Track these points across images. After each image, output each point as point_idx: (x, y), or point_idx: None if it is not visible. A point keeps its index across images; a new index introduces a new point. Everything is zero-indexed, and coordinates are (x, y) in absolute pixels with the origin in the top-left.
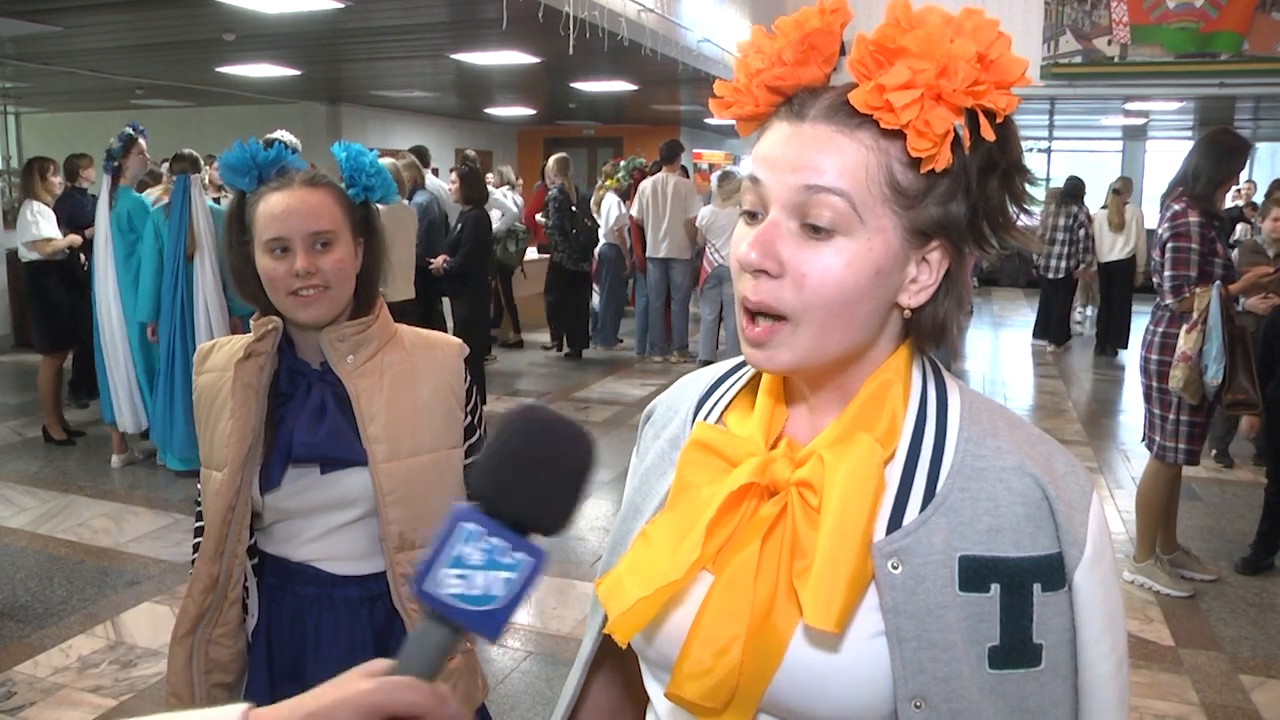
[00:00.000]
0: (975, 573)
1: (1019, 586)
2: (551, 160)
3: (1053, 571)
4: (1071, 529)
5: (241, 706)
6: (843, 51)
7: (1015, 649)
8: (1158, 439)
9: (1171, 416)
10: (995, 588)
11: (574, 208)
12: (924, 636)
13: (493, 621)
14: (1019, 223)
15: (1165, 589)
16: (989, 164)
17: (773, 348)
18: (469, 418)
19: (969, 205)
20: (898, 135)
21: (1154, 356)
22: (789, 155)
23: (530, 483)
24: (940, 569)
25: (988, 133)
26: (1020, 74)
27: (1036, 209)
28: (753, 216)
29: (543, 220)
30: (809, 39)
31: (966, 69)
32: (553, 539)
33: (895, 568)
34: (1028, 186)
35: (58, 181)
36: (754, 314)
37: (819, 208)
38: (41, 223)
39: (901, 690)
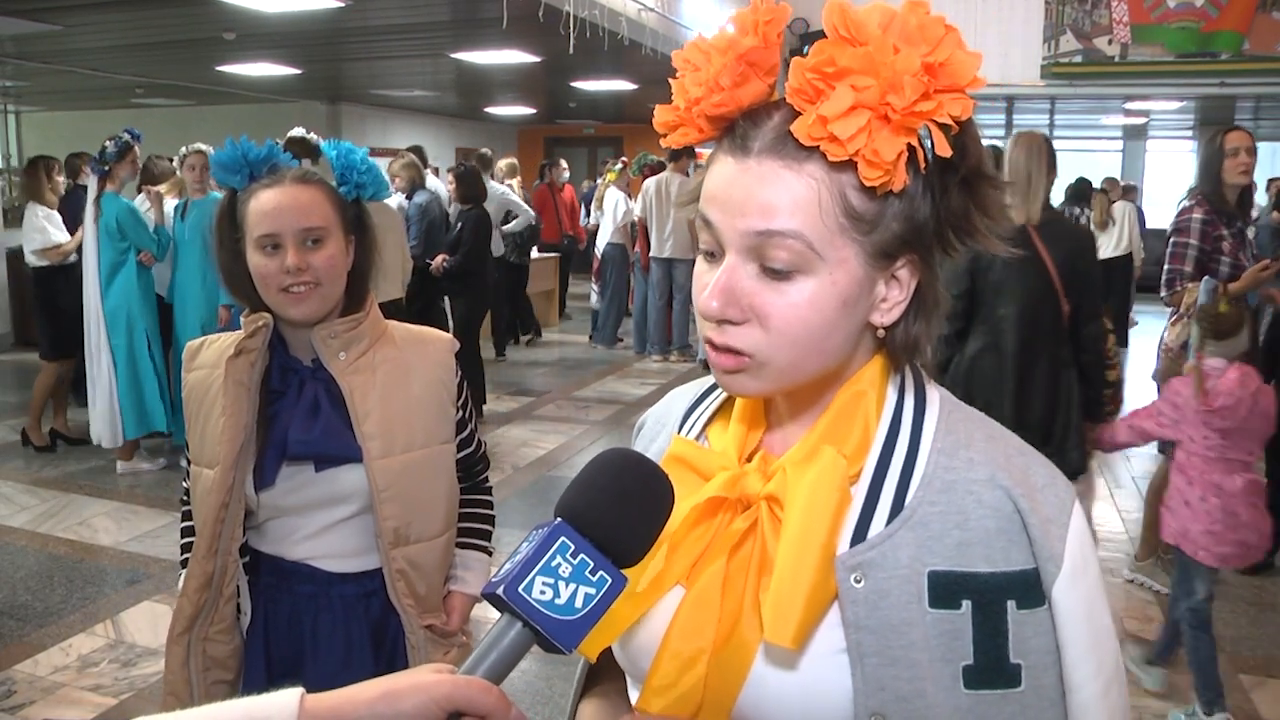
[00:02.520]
0: (945, 589)
1: (991, 603)
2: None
3: (1028, 588)
4: (1047, 543)
5: (296, 691)
6: (808, 40)
7: (991, 668)
8: None
9: None
10: (966, 604)
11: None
12: (885, 653)
13: (572, 631)
14: (984, 225)
15: (1165, 589)
16: (949, 173)
17: (743, 375)
18: (460, 412)
19: (932, 214)
20: (848, 163)
21: (1160, 351)
22: (737, 197)
23: (624, 517)
24: (905, 584)
25: (943, 148)
26: (973, 73)
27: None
28: (711, 255)
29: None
30: (745, 58)
31: (913, 83)
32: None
33: (858, 581)
34: (991, 189)
35: (61, 181)
36: (723, 346)
37: (775, 250)
38: (50, 229)
39: (861, 707)
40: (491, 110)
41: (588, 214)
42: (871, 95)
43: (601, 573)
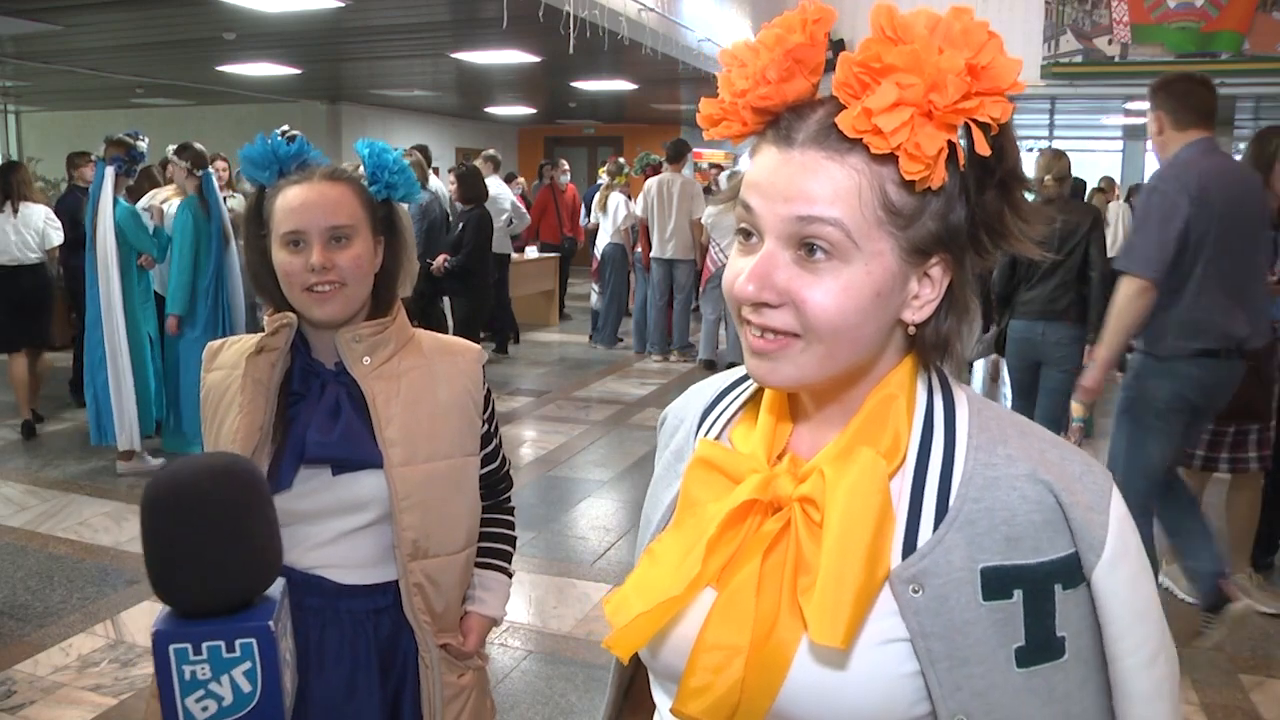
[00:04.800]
0: (998, 582)
1: (1041, 590)
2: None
3: (1070, 572)
4: (1089, 531)
5: None
6: (831, 48)
7: (1040, 646)
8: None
9: None
10: (1018, 594)
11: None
12: (955, 655)
13: (267, 713)
14: (1018, 228)
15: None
16: (986, 174)
17: (778, 362)
18: (486, 425)
19: (967, 216)
20: (890, 157)
21: None
22: (780, 184)
23: (203, 561)
24: (963, 585)
25: (982, 147)
26: (1014, 78)
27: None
28: (746, 238)
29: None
30: (792, 54)
31: (957, 82)
32: (546, 542)
33: (916, 591)
34: (1025, 194)
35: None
36: (759, 329)
37: (813, 237)
38: (61, 229)
39: (942, 710)
40: (491, 110)
41: (588, 214)
42: (915, 92)
43: (238, 639)
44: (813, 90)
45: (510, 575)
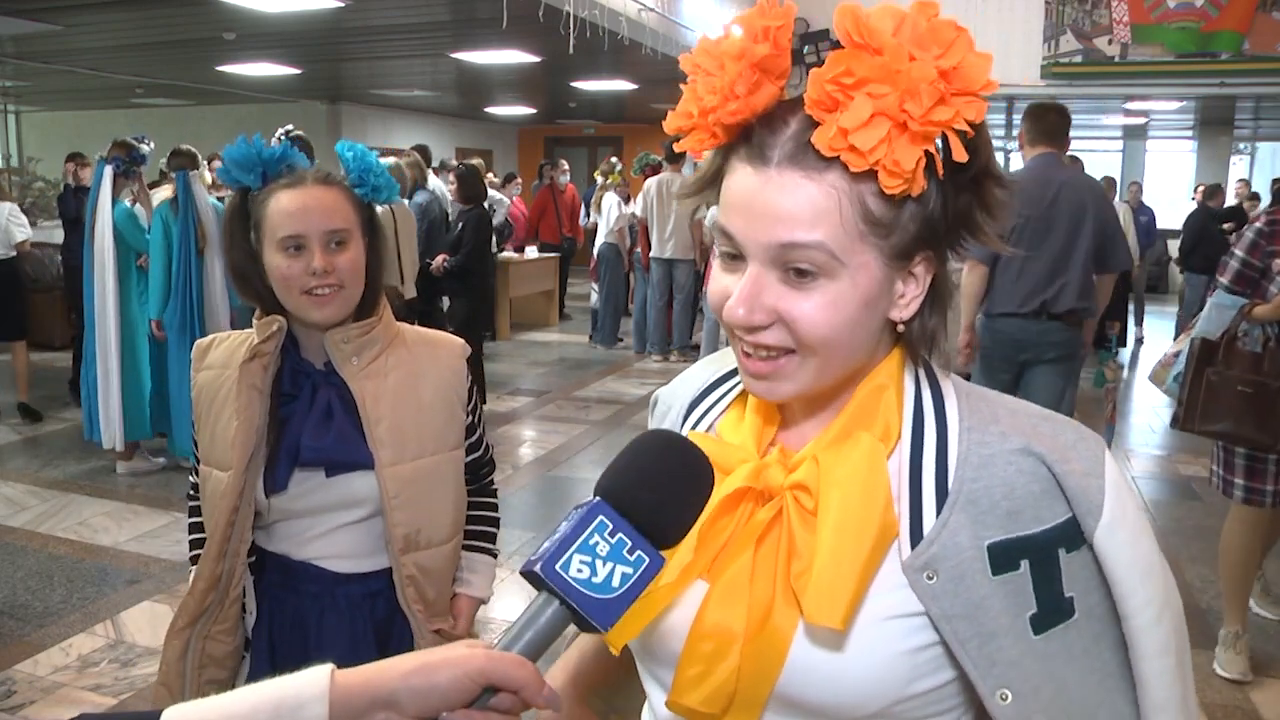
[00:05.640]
0: (1004, 555)
1: (1046, 557)
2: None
3: (1071, 536)
4: (1086, 496)
5: (326, 667)
6: (803, 41)
7: (1052, 609)
8: (1214, 468)
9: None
10: (1025, 563)
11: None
12: (981, 632)
13: (608, 610)
14: (985, 223)
15: (1225, 671)
16: (960, 174)
17: (775, 381)
18: (469, 417)
19: (944, 213)
20: (869, 172)
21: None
22: (758, 207)
23: (662, 498)
24: (973, 564)
25: (959, 154)
26: (985, 77)
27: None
28: (731, 258)
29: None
30: (759, 66)
31: (930, 90)
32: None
33: (931, 578)
34: (998, 190)
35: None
36: (753, 347)
37: (798, 260)
38: (26, 225)
39: (983, 688)
40: (491, 110)
41: (587, 214)
42: (889, 103)
43: (639, 552)
44: (781, 91)
45: (495, 555)
